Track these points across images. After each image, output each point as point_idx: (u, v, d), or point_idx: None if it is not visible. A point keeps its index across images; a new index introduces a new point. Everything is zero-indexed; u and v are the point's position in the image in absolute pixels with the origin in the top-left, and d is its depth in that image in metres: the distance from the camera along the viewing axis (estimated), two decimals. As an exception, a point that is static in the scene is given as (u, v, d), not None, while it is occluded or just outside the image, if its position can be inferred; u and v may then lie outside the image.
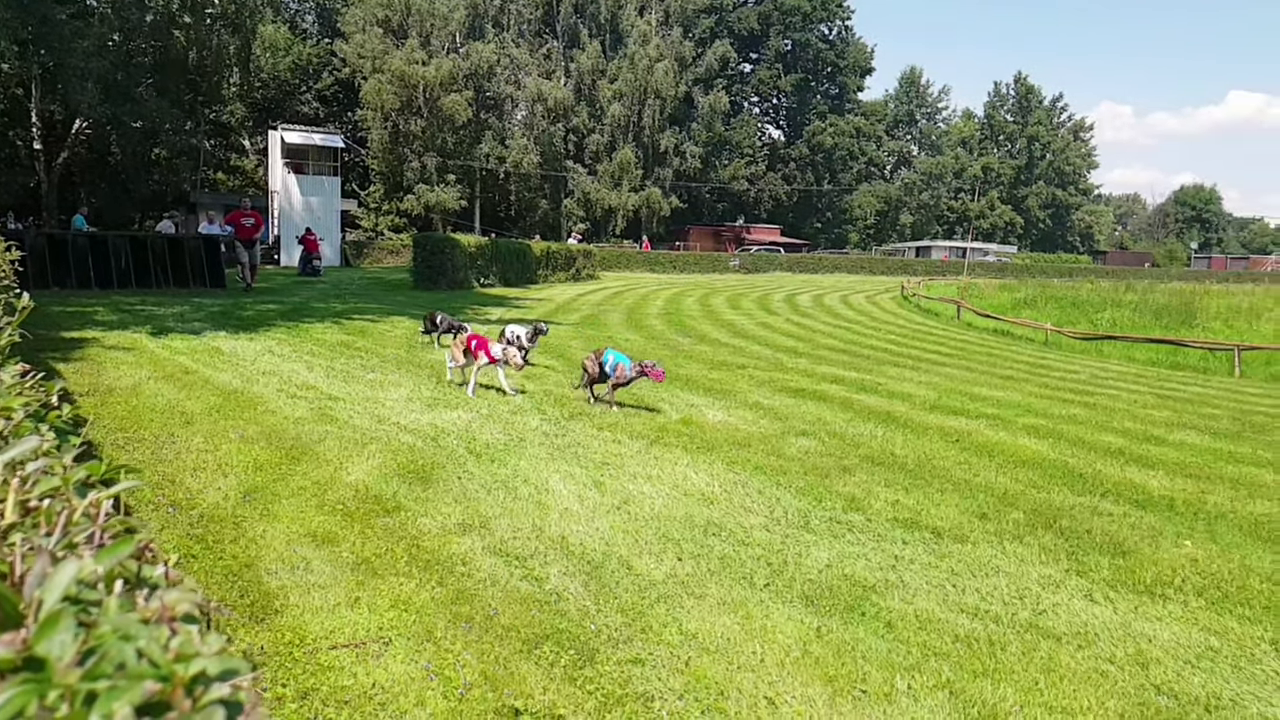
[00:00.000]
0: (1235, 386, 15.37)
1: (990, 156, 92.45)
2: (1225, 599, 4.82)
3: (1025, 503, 6.53)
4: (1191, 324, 26.13)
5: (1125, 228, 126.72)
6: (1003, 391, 12.39)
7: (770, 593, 4.61)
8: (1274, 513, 6.59)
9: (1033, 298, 34.48)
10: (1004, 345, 21.29)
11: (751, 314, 26.37)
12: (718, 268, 52.78)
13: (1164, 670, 3.95)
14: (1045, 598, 4.74)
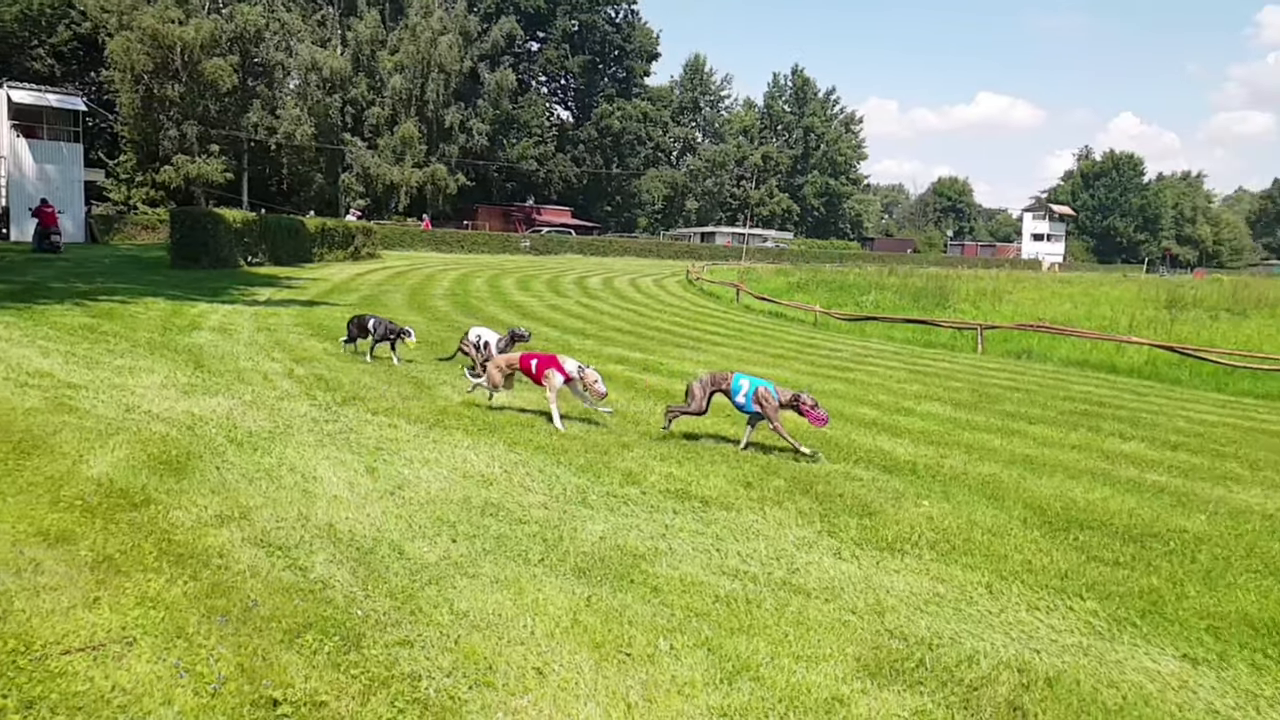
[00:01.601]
0: (978, 362, 17.21)
1: (770, 145, 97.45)
2: (953, 550, 5.45)
3: (786, 471, 7.04)
4: (945, 306, 28.88)
5: (891, 216, 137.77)
6: (773, 369, 13.23)
7: (544, 567, 4.73)
8: (999, 474, 7.49)
9: (806, 282, 36.87)
10: (778, 326, 22.67)
11: (541, 296, 26.48)
12: (508, 248, 52.46)
13: (897, 616, 4.43)
14: (799, 557, 5.17)
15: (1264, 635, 4.43)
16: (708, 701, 3.47)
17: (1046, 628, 4.43)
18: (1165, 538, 5.90)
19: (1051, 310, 28.03)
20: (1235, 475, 8.04)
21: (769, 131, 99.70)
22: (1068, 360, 17.86)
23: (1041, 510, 6.35)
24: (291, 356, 11.31)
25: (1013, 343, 19.62)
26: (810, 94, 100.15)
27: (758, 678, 3.67)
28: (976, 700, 3.63)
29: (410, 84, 61.18)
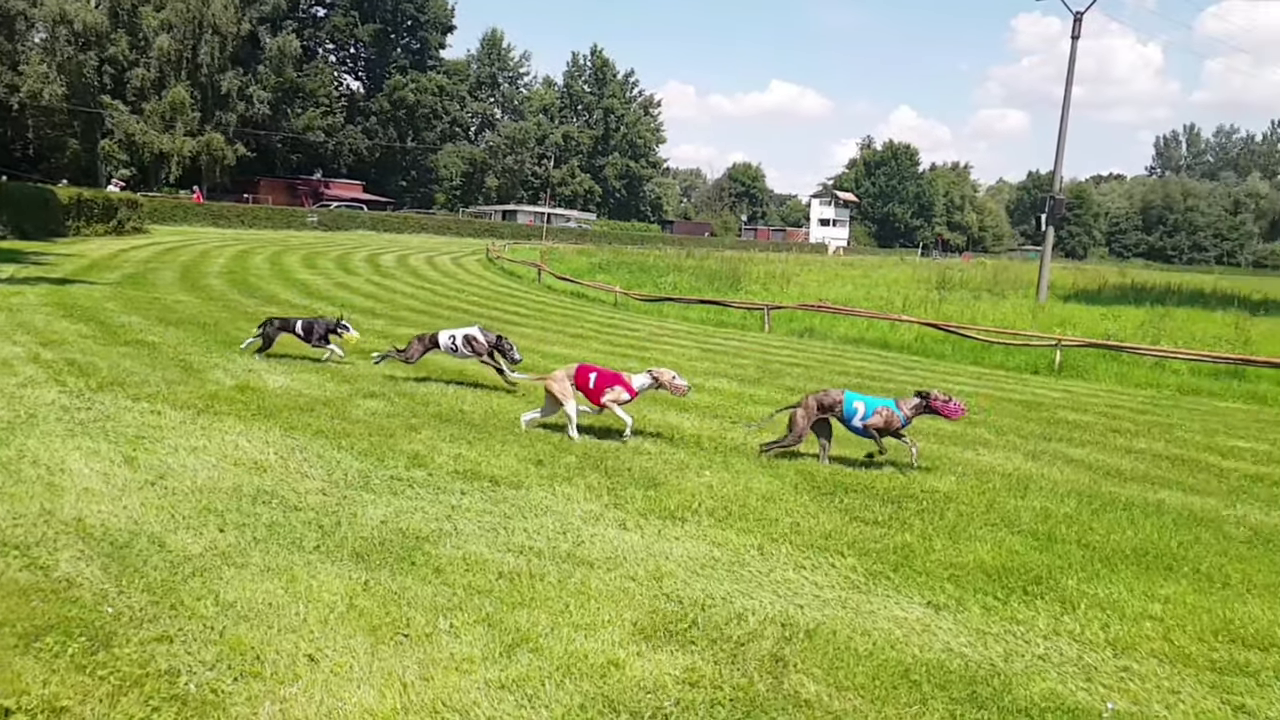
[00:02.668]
0: (765, 340, 18.15)
1: (570, 125, 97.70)
2: (730, 516, 5.77)
3: (579, 448, 7.18)
4: (737, 288, 30.12)
5: (690, 200, 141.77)
6: (572, 349, 13.39)
7: (320, 554, 4.60)
8: (776, 443, 7.97)
9: (607, 262, 37.39)
10: (579, 306, 22.90)
11: (329, 274, 25.37)
12: (294, 224, 49.74)
13: (675, 581, 4.65)
14: (585, 530, 5.31)
15: (995, 580, 4.99)
16: (486, 675, 3.52)
17: (810, 584, 4.79)
18: (919, 498, 6.51)
19: (834, 291, 29.92)
20: (983, 440, 8.95)
21: (569, 111, 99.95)
22: (846, 338, 19.17)
23: (811, 477, 6.83)
24: (38, 339, 10.27)
25: (797, 322, 20.82)
26: (610, 75, 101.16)
27: (537, 648, 3.76)
28: (742, 654, 3.88)
29: (180, 45, 56.55)
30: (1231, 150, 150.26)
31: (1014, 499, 6.67)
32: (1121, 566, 5.35)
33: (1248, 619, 4.66)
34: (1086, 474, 7.71)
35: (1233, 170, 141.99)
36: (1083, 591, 4.90)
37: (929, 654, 4.06)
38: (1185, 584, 5.12)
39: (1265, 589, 5.13)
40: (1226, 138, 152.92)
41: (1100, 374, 15.41)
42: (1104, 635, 4.39)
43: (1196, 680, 3.99)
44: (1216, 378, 15.15)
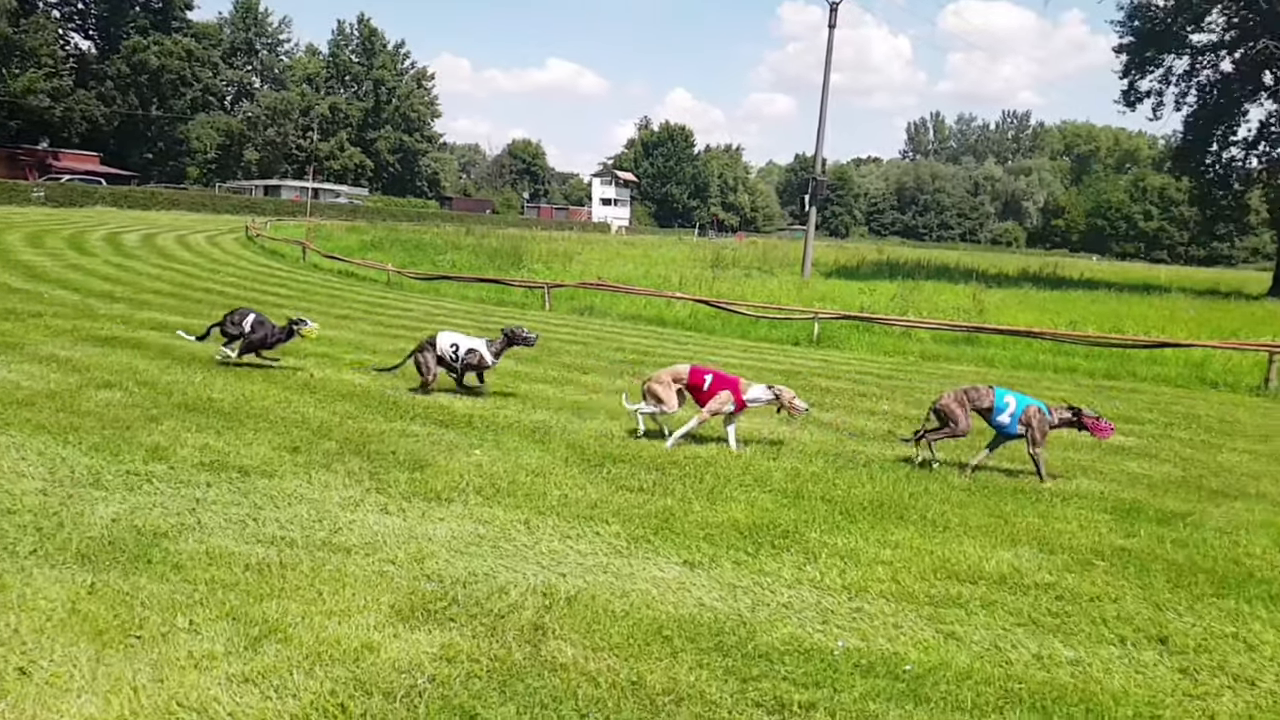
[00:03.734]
0: (545, 318, 18.24)
1: (338, 96, 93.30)
2: (498, 494, 5.82)
3: (340, 433, 6.97)
4: (519, 266, 30.03)
5: (469, 176, 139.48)
6: (337, 330, 12.89)
7: (37, 559, 4.22)
8: (549, 419, 8.09)
9: (381, 240, 36.18)
10: (348, 286, 22.03)
11: (59, 254, 22.93)
12: (16, 199, 44.44)
13: (437, 561, 4.65)
14: (343, 517, 5.18)
15: (747, 537, 5.35)
16: (228, 670, 3.38)
17: (575, 553, 4.94)
18: (683, 464, 6.84)
19: (615, 270, 30.48)
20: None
21: (336, 82, 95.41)
22: (625, 315, 19.64)
23: (582, 450, 7.00)
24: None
25: (578, 300, 21.08)
26: (379, 45, 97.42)
27: (286, 639, 3.65)
28: (502, 626, 3.95)
29: None
30: (971, 137, 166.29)
31: (768, 461, 7.15)
32: (860, 517, 5.88)
33: (962, 557, 5.27)
34: (834, 435, 8.39)
35: (972, 155, 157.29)
36: (824, 542, 5.35)
37: (682, 610, 4.30)
38: (913, 530, 5.72)
39: (979, 529, 5.81)
40: (966, 125, 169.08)
41: (854, 344, 16.71)
42: (841, 580, 4.82)
43: (917, 614, 4.48)
44: (954, 344, 16.81)
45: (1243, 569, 5.36)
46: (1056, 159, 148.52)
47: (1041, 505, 6.41)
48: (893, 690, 3.67)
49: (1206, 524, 6.23)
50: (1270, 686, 3.98)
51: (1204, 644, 4.34)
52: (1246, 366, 14.75)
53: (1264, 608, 4.79)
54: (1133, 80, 44.00)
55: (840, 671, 3.79)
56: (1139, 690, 3.84)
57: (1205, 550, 5.66)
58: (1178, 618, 4.63)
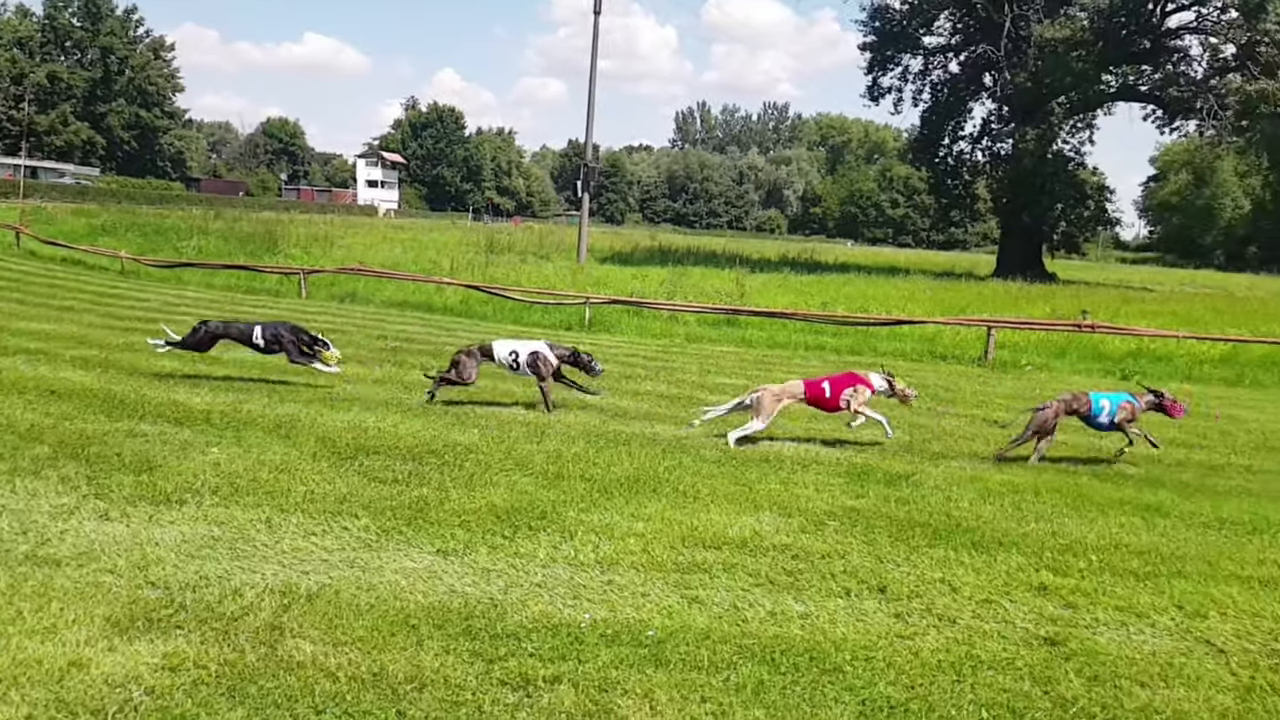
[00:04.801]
0: (301, 306, 17.41)
1: (57, 64, 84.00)
2: (237, 492, 5.53)
3: (54, 436, 6.36)
4: (275, 251, 28.42)
5: (220, 156, 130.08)
6: (56, 324, 11.71)
7: None
8: (297, 413, 7.75)
9: (114, 224, 33.12)
10: (73, 275, 20.01)
11: None
12: None
13: (163, 567, 4.36)
14: (53, 527, 4.74)
15: (505, 520, 5.40)
16: (-102, 707, 3.03)
17: (319, 549, 4.79)
18: (441, 453, 6.78)
19: (382, 255, 29.53)
20: (509, 392, 9.51)
21: (54, 48, 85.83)
22: (391, 302, 19.10)
23: (332, 442, 6.78)
24: None
25: (339, 286, 20.27)
26: (106, 10, 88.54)
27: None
28: (235, 630, 3.77)
29: None
30: (735, 127, 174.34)
31: (531, 445, 7.23)
32: (617, 493, 6.08)
33: (709, 525, 5.58)
34: (598, 416, 8.60)
35: (736, 145, 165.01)
36: (581, 520, 5.50)
37: (431, 598, 4.28)
38: (666, 502, 5.98)
39: (725, 498, 6.17)
40: (731, 115, 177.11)
41: (625, 327, 17.16)
42: (594, 556, 4.98)
43: (664, 582, 4.70)
44: (717, 326, 17.66)
45: (952, 520, 6.02)
46: (813, 149, 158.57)
47: (784, 472, 6.90)
48: (635, 656, 3.84)
49: (925, 483, 6.93)
50: (968, 622, 4.50)
51: (916, 590, 4.85)
52: (970, 340, 16.47)
53: (967, 554, 5.41)
54: (876, 77, 47.79)
55: (586, 643, 3.92)
56: (857, 636, 4.24)
57: (923, 506, 6.30)
58: (896, 568, 5.14)
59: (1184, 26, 40.80)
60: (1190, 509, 6.65)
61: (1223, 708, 3.78)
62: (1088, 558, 5.44)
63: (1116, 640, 4.39)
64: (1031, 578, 5.08)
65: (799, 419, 8.91)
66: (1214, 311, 25.60)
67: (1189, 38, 41.08)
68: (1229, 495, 7.20)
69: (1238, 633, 4.54)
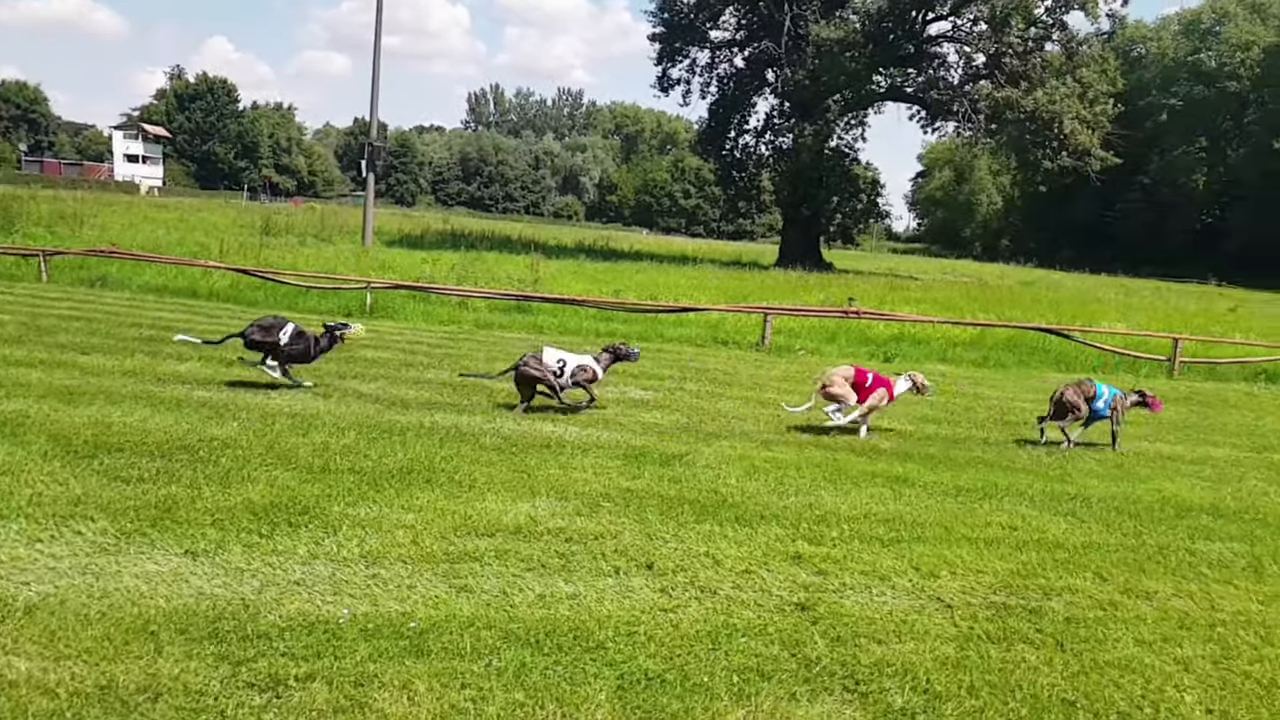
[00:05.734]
0: (40, 291, 15.81)
1: None
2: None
3: None
4: (11, 230, 25.68)
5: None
6: None
7: None
8: (29, 409, 7.05)
9: None
10: None
11: None
12: None
13: None
14: None
15: (262, 518, 5.16)
16: None
17: (45, 557, 4.40)
18: (195, 448, 6.38)
19: (142, 236, 27.26)
20: (273, 382, 9.04)
21: None
22: (150, 287, 17.69)
23: (68, 440, 6.23)
24: None
25: (89, 269, 18.54)
26: None
27: None
28: (-67, 651, 3.41)
29: None
30: (530, 111, 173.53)
31: (296, 437, 6.93)
32: (388, 485, 5.95)
33: (483, 512, 5.57)
34: (373, 406, 8.36)
35: (532, 130, 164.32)
36: (346, 514, 5.34)
37: (175, 603, 4.05)
38: (439, 491, 5.92)
39: (503, 485, 6.18)
40: (525, 99, 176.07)
41: (410, 314, 16.73)
42: (359, 550, 4.85)
43: (433, 573, 4.66)
44: (508, 312, 17.55)
45: (719, 497, 6.32)
46: (609, 138, 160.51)
47: (564, 457, 6.99)
48: (395, 649, 3.79)
49: (698, 462, 7.23)
50: (728, 593, 4.75)
51: (681, 564, 5.06)
52: (750, 326, 17.26)
53: (731, 528, 5.70)
54: (665, 68, 48.95)
55: (344, 639, 3.83)
56: (622, 612, 4.38)
57: (693, 484, 6.58)
58: (664, 544, 5.34)
59: (942, 35, 44.41)
60: (933, 479, 7.31)
61: (944, 656, 4.20)
62: (840, 527, 5.87)
63: (860, 602, 4.77)
64: (789, 548, 5.43)
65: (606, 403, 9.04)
66: (968, 298, 28.06)
67: (947, 45, 44.78)
68: (967, 465, 7.97)
69: (964, 589, 5.05)
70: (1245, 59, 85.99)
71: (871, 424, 8.84)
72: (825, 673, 3.96)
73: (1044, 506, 6.78)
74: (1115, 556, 5.75)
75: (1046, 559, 5.61)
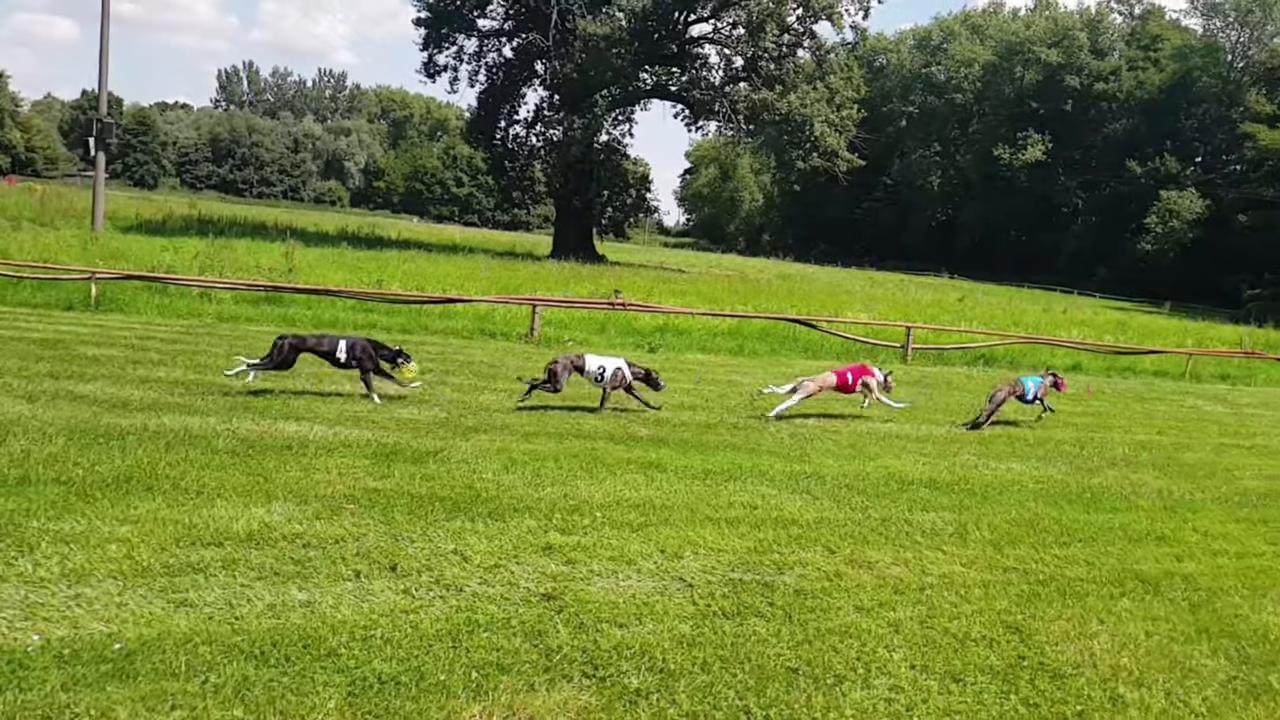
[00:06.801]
0: None
1: None
2: None
3: None
4: None
5: None
6: None
7: None
8: None
9: None
10: None
11: None
12: None
13: None
14: None
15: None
16: None
17: None
18: None
19: None
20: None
21: None
22: None
23: None
24: None
25: None
26: None
27: None
28: None
29: None
30: (288, 92, 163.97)
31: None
32: (101, 496, 5.44)
33: (210, 521, 5.22)
34: (90, 408, 7.61)
35: (290, 111, 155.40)
36: (47, 529, 4.84)
37: None
38: (161, 500, 5.48)
39: (235, 490, 5.81)
40: (283, 79, 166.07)
41: (143, 306, 15.38)
42: (60, 569, 4.41)
43: (148, 589, 4.31)
44: (257, 304, 16.52)
45: (473, 492, 6.26)
46: (375, 122, 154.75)
47: (306, 459, 6.67)
48: (95, 675, 3.48)
49: (453, 458, 7.12)
50: (474, 589, 4.71)
51: (427, 564, 4.96)
52: (519, 318, 17.22)
53: (483, 523, 5.66)
54: (432, 54, 47.72)
55: (33, 668, 3.48)
56: (359, 617, 4.23)
57: (446, 481, 6.47)
58: (411, 544, 5.21)
59: (704, 36, 46.15)
60: (684, 463, 7.60)
61: (681, 634, 4.37)
62: (592, 515, 5.98)
63: (606, 588, 4.87)
64: (540, 539, 5.46)
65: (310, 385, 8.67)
66: (730, 291, 29.38)
67: (708, 47, 46.58)
68: (717, 449, 8.33)
69: (705, 568, 5.28)
70: (968, 74, 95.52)
71: (716, 418, 9.07)
72: (566, 660, 4.02)
73: (783, 486, 7.21)
74: (843, 530, 6.21)
75: (782, 535, 5.97)
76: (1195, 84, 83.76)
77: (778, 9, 39.81)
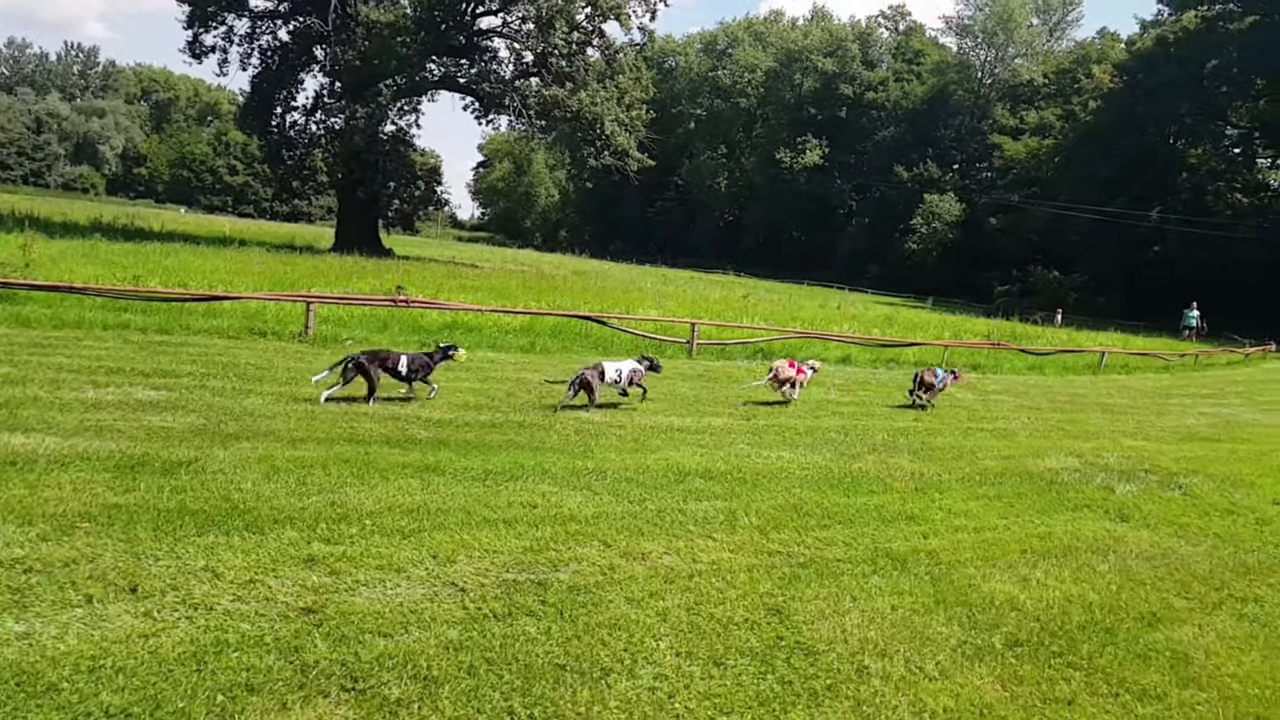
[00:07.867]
0: None
1: None
2: None
3: None
4: None
5: None
6: None
7: None
8: None
9: None
10: None
11: None
12: None
13: None
14: None
15: None
16: None
17: None
18: None
19: None
20: None
21: None
22: None
23: None
24: None
25: None
26: None
27: None
28: None
29: None
30: (26, 66, 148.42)
31: None
32: None
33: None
34: None
35: (30, 87, 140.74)
36: None
37: None
38: None
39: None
40: (20, 52, 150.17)
41: None
42: None
43: None
44: (-17, 304, 14.88)
45: (230, 504, 5.90)
46: (134, 103, 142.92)
47: (33, 475, 6.06)
48: None
49: (209, 467, 6.69)
50: (226, 607, 4.45)
51: (173, 583, 4.63)
52: (294, 316, 16.40)
53: (239, 536, 5.35)
54: (197, 33, 44.57)
55: None
56: (88, 646, 3.90)
57: (199, 493, 6.06)
58: (155, 563, 4.85)
59: (493, 30, 45.66)
60: (464, 465, 7.49)
61: (448, 640, 4.31)
62: (361, 523, 5.78)
63: (372, 598, 4.73)
64: (302, 551, 5.23)
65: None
66: (524, 287, 29.29)
67: (498, 40, 46.14)
68: (500, 449, 8.27)
69: (478, 571, 5.24)
70: (752, 79, 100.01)
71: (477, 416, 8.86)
72: (323, 675, 3.87)
73: (564, 482, 7.26)
74: (620, 524, 6.33)
75: (560, 532, 6.01)
76: (952, 97, 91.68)
77: (567, 6, 39.99)
